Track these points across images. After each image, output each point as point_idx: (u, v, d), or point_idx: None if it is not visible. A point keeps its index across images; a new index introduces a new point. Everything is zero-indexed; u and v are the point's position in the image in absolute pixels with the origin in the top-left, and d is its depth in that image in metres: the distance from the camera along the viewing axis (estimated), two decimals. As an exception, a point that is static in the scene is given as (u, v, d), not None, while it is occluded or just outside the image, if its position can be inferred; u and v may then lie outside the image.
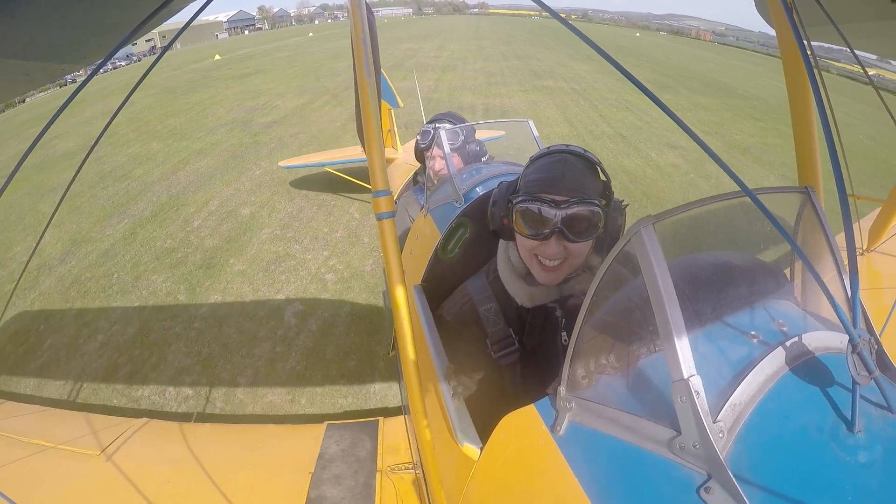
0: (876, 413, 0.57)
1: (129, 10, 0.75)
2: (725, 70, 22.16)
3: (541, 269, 1.05)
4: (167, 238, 5.20)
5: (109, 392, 3.12)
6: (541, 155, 1.08)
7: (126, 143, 9.10)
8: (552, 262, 1.02)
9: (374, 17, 1.50)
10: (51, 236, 5.24)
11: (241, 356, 3.38)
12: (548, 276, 1.05)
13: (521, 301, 1.11)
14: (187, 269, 4.53)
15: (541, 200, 0.99)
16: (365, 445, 1.41)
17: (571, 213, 0.97)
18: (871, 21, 1.07)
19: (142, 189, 6.69)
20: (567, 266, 1.04)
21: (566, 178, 1.00)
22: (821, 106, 0.65)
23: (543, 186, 1.01)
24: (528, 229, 1.02)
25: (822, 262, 0.70)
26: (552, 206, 0.98)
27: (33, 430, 1.56)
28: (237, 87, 14.86)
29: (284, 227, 5.36)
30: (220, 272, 4.46)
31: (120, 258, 4.81)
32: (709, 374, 0.59)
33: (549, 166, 1.03)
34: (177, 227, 5.45)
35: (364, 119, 0.93)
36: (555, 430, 0.73)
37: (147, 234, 5.32)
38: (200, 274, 4.45)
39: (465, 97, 11.29)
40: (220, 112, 11.43)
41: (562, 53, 23.66)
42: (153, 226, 5.52)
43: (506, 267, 1.15)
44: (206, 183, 6.80)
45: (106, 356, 3.44)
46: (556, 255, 1.01)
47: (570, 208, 0.97)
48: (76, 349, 3.53)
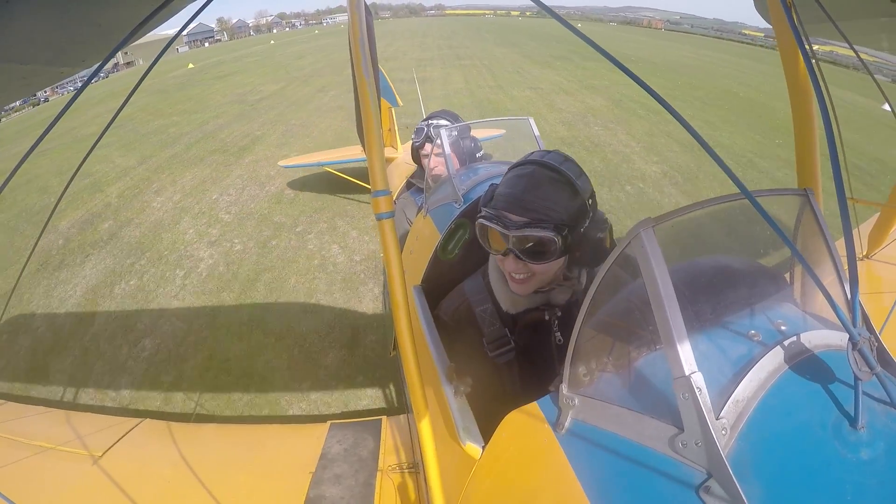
0: (878, 409, 0.57)
1: (128, 11, 0.75)
2: (642, 47, 25.88)
3: (510, 280, 1.06)
4: (214, 146, 8.91)
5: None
6: (515, 165, 1.06)
7: (149, 120, 11.62)
8: (518, 276, 1.02)
9: (372, 18, 1.50)
10: (131, 158, 8.49)
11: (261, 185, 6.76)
12: (517, 287, 1.05)
13: (505, 307, 1.12)
14: (230, 154, 8.30)
15: (497, 219, 0.98)
16: (367, 445, 1.40)
17: (522, 237, 0.96)
18: (871, 18, 1.07)
19: (180, 135, 9.96)
20: (535, 281, 1.03)
21: (526, 197, 0.97)
22: (822, 106, 0.65)
23: (503, 203, 0.99)
24: (486, 244, 1.04)
25: (822, 265, 0.70)
26: (504, 227, 0.97)
27: (33, 431, 1.56)
28: (222, 83, 17.24)
29: (282, 135, 9.42)
30: (246, 155, 8.22)
31: (182, 157, 8.35)
32: (710, 371, 0.59)
33: (516, 181, 1.01)
34: (217, 143, 9.17)
35: (364, 119, 0.93)
36: (557, 428, 0.73)
37: (200, 146, 8.98)
38: (234, 155, 8.24)
39: (397, 73, 13.48)
40: (216, 98, 14.21)
41: (491, 43, 27.62)
42: (202, 144, 9.17)
43: (493, 271, 1.16)
44: (226, 127, 10.40)
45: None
46: (518, 272, 1.01)
47: (522, 230, 0.95)
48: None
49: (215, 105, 12.98)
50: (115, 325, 3.86)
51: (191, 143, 9.18)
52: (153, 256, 4.91)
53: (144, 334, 3.71)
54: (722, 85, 13.85)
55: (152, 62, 1.04)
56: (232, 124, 10.49)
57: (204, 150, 8.68)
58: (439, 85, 13.50)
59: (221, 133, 9.80)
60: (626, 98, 11.27)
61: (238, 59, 26.69)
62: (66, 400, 3.09)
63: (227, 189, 6.62)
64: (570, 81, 13.90)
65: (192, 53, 36.60)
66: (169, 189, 6.78)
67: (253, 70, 20.53)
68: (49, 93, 24.20)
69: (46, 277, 4.61)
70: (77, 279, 4.57)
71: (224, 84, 16.83)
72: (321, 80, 15.82)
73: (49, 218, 1.25)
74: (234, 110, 12.00)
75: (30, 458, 1.39)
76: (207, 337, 3.63)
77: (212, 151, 8.51)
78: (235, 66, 22.96)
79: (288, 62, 22.58)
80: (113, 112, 0.99)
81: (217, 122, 10.80)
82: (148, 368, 3.37)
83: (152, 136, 10.01)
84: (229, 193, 6.47)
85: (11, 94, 0.94)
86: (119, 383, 3.25)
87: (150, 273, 4.61)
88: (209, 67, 23.14)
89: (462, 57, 20.44)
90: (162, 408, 3.01)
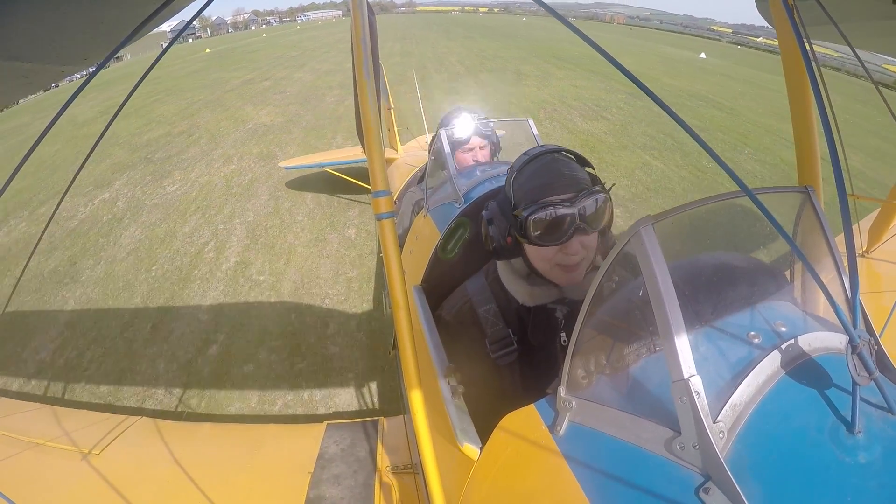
0: (876, 414, 0.57)
1: (129, 10, 0.75)
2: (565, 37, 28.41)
3: (563, 273, 1.04)
4: (258, 88, 13.59)
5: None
6: (526, 162, 1.06)
7: (234, 68, 18.44)
8: (575, 261, 1.02)
9: (375, 18, 1.50)
10: (173, 106, 11.75)
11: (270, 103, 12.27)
12: (570, 276, 1.04)
13: (521, 300, 1.11)
14: (294, 69, 17.21)
15: (552, 204, 0.98)
16: (365, 445, 1.40)
17: (586, 206, 0.98)
18: (873, 20, 1.07)
19: (263, 64, 18.71)
20: (586, 263, 1.05)
21: (566, 174, 1.01)
22: (821, 106, 0.65)
23: (548, 190, 1.00)
24: (549, 236, 1.00)
25: (822, 263, 0.70)
26: (566, 206, 0.98)
27: (28, 427, 1.56)
28: (257, 55, 23.48)
29: (317, 62, 18.53)
30: (304, 66, 17.83)
31: (282, 65, 18.14)
32: (709, 374, 0.59)
33: (543, 170, 1.03)
34: (266, 85, 14.10)
35: (364, 119, 0.93)
36: (554, 430, 0.72)
37: (246, 87, 13.88)
38: (297, 68, 17.48)
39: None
40: (263, 59, 21.25)
41: (439, 34, 31.86)
42: (279, 67, 17.76)
43: (505, 268, 1.15)
44: (284, 65, 18.63)
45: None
46: (578, 253, 1.01)
47: (583, 201, 0.98)
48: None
49: (266, 60, 20.42)
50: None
51: (271, 67, 17.70)
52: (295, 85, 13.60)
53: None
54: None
55: (155, 60, 1.04)
56: (285, 64, 18.78)
57: (284, 67, 17.80)
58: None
59: (283, 64, 18.43)
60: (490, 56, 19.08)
61: (247, 45, 30.82)
62: (62, 397, 3.08)
63: (300, 74, 15.69)
64: (462, 48, 21.95)
65: (190, 45, 37.16)
66: (287, 73, 16.04)
67: (273, 49, 26.07)
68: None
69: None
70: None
71: (260, 54, 23.27)
72: (325, 51, 22.60)
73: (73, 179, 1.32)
74: (281, 60, 20.01)
75: (25, 455, 1.39)
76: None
77: (287, 67, 17.55)
78: (252, 48, 27.79)
79: (295, 44, 28.61)
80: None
81: (277, 64, 18.92)
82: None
83: (243, 64, 19.19)
84: (302, 77, 14.95)
85: (12, 93, 0.94)
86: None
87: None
88: (227, 52, 26.82)
89: (409, 41, 26.72)
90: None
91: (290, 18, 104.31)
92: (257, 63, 19.28)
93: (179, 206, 5.85)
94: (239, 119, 9.97)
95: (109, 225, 5.47)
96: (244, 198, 6.01)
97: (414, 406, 0.93)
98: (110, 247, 4.97)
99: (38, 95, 16.22)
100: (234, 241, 4.94)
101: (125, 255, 4.79)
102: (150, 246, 4.93)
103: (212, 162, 7.39)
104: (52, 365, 3.31)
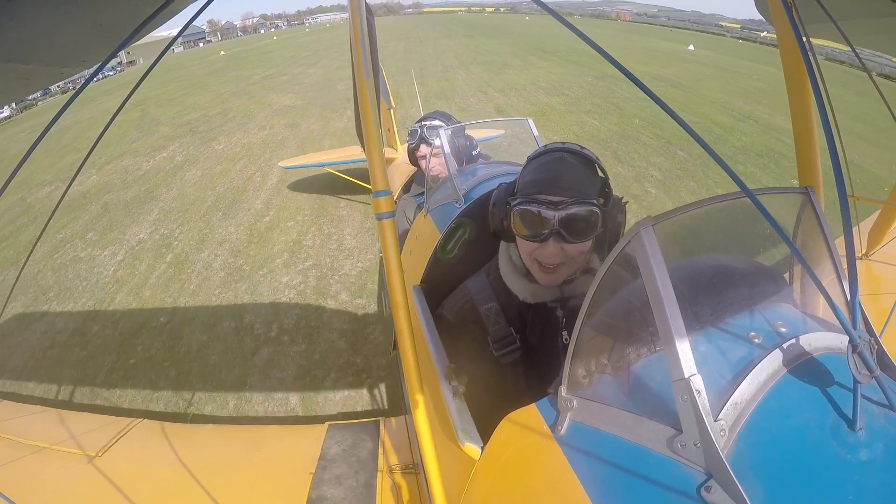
0: (877, 411, 0.57)
1: (129, 11, 0.75)
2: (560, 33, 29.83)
3: (540, 271, 1.05)
4: (278, 81, 16.06)
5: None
6: (538, 154, 1.08)
7: (252, 66, 21.02)
8: (552, 264, 1.02)
9: (374, 19, 1.50)
10: (203, 98, 13.87)
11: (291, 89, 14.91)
12: (547, 277, 1.05)
13: (522, 297, 1.11)
14: (309, 64, 20.12)
15: (538, 202, 0.98)
16: (366, 446, 1.40)
17: (569, 214, 0.96)
18: (871, 18, 1.07)
19: (281, 61, 22.25)
20: (566, 268, 1.04)
21: (563, 178, 0.99)
22: (821, 105, 0.65)
23: (541, 187, 1.00)
24: (527, 231, 1.01)
25: (822, 265, 0.70)
26: (549, 208, 0.97)
27: (31, 431, 1.56)
28: (272, 55, 25.97)
29: (328, 59, 21.53)
30: (319, 62, 20.59)
31: (250, 91, 14.73)
32: (709, 373, 0.59)
33: (546, 166, 1.02)
34: (284, 79, 16.36)
35: (364, 119, 0.93)
36: (556, 430, 0.73)
37: (266, 81, 16.38)
38: (288, 84, 15.50)
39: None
40: (278, 58, 23.82)
41: (439, 34, 33.99)
42: (295, 63, 21.00)
43: (507, 264, 1.15)
44: (301, 61, 21.37)
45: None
46: (555, 257, 1.01)
47: (567, 209, 0.96)
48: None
49: (280, 59, 23.06)
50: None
51: (287, 65, 20.08)
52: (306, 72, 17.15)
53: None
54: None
55: (153, 62, 1.04)
56: (299, 62, 20.93)
57: (298, 64, 19.67)
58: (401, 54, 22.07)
59: (297, 63, 20.53)
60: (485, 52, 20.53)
61: (260, 47, 34.17)
62: (63, 399, 3.09)
63: (313, 70, 17.59)
64: (460, 45, 23.91)
65: (202, 49, 37.39)
66: (302, 70, 18.09)
67: (285, 49, 29.20)
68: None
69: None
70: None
71: (274, 55, 25.81)
72: (335, 51, 24.15)
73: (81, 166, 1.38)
74: (295, 59, 22.56)
75: (27, 458, 1.39)
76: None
77: (301, 64, 19.45)
78: (265, 49, 30.80)
79: (306, 45, 31.18)
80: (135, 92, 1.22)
81: (291, 62, 21.21)
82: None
83: (260, 63, 21.66)
84: (316, 73, 16.65)
85: (12, 94, 0.94)
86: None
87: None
88: (242, 54, 30.02)
89: (412, 40, 28.95)
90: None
91: (298, 22, 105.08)
92: (273, 62, 22.12)
93: (229, 156, 8.20)
94: (265, 103, 12.47)
95: (174, 170, 7.69)
96: (279, 149, 8.39)
97: (415, 406, 0.93)
98: (178, 181, 7.15)
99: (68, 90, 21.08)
100: (273, 172, 7.14)
101: (192, 183, 7.03)
102: (211, 178, 7.20)
103: (248, 130, 9.86)
104: (152, 237, 5.41)
